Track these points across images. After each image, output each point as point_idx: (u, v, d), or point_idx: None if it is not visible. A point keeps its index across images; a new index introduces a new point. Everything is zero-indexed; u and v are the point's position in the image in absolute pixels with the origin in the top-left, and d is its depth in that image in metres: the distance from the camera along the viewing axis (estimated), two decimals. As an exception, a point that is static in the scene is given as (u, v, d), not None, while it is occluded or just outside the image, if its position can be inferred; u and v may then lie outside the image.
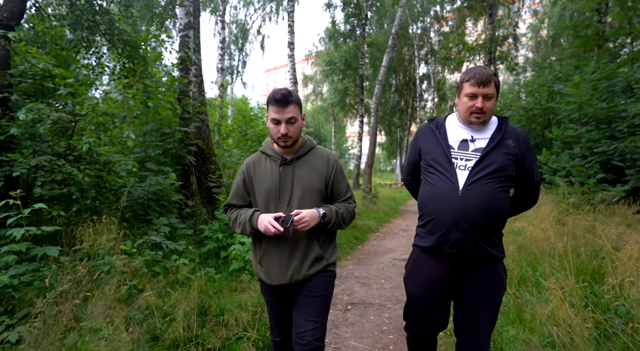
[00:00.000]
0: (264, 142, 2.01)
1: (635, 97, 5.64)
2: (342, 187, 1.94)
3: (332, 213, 1.83)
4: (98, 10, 4.84)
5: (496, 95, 1.80)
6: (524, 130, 1.61)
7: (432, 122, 1.98)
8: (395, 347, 3.09)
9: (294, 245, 1.84)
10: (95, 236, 3.00)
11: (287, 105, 1.77)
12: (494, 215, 1.74)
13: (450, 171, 1.77)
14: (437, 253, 1.82)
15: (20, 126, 3.47)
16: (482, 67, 1.80)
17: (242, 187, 1.96)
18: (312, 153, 1.94)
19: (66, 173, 3.68)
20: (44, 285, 2.45)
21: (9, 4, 4.12)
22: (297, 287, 1.89)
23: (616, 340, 2.35)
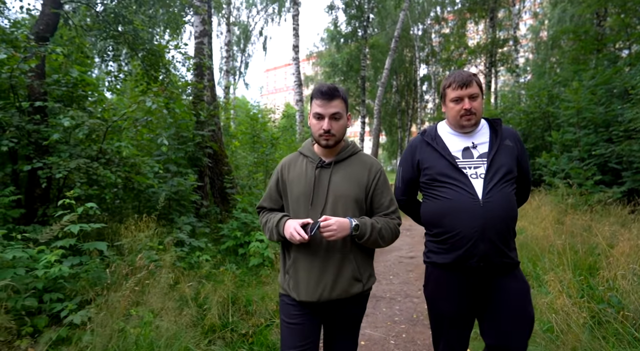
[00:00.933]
0: (305, 142, 1.86)
1: (632, 102, 5.93)
2: (385, 200, 1.74)
3: (366, 227, 1.63)
4: (122, 21, 5.13)
5: (481, 94, 1.79)
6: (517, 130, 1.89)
7: (425, 134, 1.90)
8: (408, 336, 3.38)
9: (326, 258, 1.65)
10: (135, 233, 3.29)
11: (333, 99, 1.63)
12: (513, 220, 1.72)
13: (464, 182, 1.71)
14: (460, 268, 1.71)
15: (59, 131, 3.74)
16: (460, 70, 1.81)
17: (275, 189, 1.81)
18: (354, 158, 1.77)
19: (100, 175, 3.97)
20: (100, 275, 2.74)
21: (44, 18, 4.40)
22: (327, 309, 1.71)
23: (608, 326, 2.64)
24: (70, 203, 2.87)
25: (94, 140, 4.36)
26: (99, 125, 4.05)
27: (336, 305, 1.69)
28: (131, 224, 3.44)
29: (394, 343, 3.23)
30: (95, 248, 2.88)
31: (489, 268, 1.68)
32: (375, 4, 22.72)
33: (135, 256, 3.08)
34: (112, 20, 5.03)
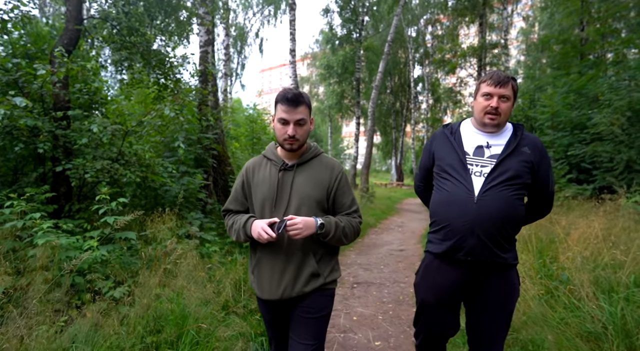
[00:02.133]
0: (268, 145, 1.91)
1: (600, 107, 6.50)
2: (346, 200, 1.82)
3: (331, 225, 1.70)
4: (135, 33, 5.62)
5: (513, 98, 1.81)
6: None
7: (447, 127, 1.98)
8: (394, 313, 3.90)
9: (287, 257, 1.72)
10: (157, 225, 3.79)
11: (298, 105, 1.68)
12: (508, 222, 1.74)
13: (465, 177, 1.77)
14: (450, 259, 1.80)
15: (86, 136, 4.23)
16: (500, 71, 1.84)
17: (241, 191, 1.85)
18: (316, 160, 1.83)
19: (121, 174, 4.46)
20: (129, 260, 3.24)
21: (68, 33, 4.88)
22: (291, 305, 1.78)
23: (557, 298, 3.18)
24: (105, 198, 3.37)
25: (112, 143, 4.84)
26: (119, 130, 4.54)
27: (297, 300, 1.75)
28: (156, 217, 3.94)
29: (381, 318, 3.75)
30: (126, 236, 3.38)
31: (478, 263, 1.75)
32: (369, 7, 23.28)
33: (158, 244, 3.58)
34: (126, 32, 5.51)
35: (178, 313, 2.63)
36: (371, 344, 3.22)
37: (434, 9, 26.20)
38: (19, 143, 3.83)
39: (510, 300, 1.81)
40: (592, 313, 2.79)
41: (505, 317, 1.81)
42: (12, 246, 2.86)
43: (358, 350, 3.12)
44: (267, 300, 1.76)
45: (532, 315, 3.06)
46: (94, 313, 2.61)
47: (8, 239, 2.93)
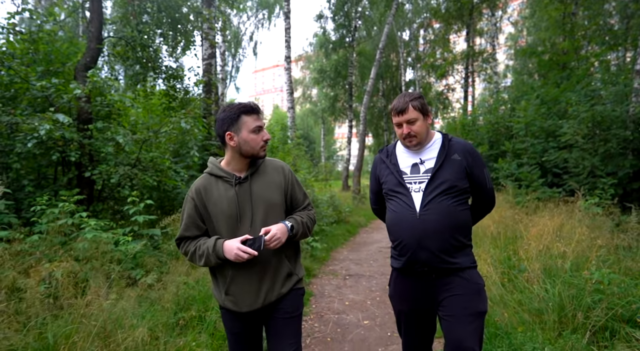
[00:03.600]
0: (209, 162, 1.86)
1: (569, 118, 7.22)
2: (300, 196, 1.92)
3: (298, 224, 1.79)
4: (145, 48, 6.19)
5: (422, 116, 1.87)
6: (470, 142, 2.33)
7: (382, 152, 2.08)
8: (380, 299, 4.53)
9: (264, 265, 1.75)
10: (176, 223, 4.38)
11: (260, 112, 1.79)
12: (453, 230, 1.82)
13: (407, 195, 1.87)
14: (411, 272, 1.89)
15: (111, 146, 4.79)
16: (403, 95, 1.91)
17: (195, 215, 1.78)
18: (265, 165, 1.85)
19: (140, 179, 5.03)
20: (154, 253, 3.82)
21: (90, 51, 5.44)
22: (269, 311, 1.81)
23: (515, 284, 3.83)
24: (134, 200, 3.95)
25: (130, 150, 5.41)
26: (138, 140, 5.12)
27: (275, 304, 1.80)
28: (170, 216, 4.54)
29: (370, 303, 4.38)
30: (152, 233, 3.96)
31: (435, 271, 1.84)
32: (361, 13, 23.95)
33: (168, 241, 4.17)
34: (140, 49, 6.08)
35: (203, 295, 3.23)
36: (361, 323, 3.85)
37: (426, 13, 26.97)
38: (55, 152, 4.37)
39: (477, 299, 1.83)
40: (539, 294, 3.44)
41: (474, 317, 1.80)
42: (64, 240, 3.43)
43: (350, 328, 3.74)
44: (247, 312, 1.75)
45: (493, 297, 3.72)
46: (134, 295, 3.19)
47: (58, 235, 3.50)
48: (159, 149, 6.26)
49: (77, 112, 5.21)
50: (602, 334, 2.89)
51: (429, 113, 1.93)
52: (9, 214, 3.67)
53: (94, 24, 5.44)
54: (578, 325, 3.01)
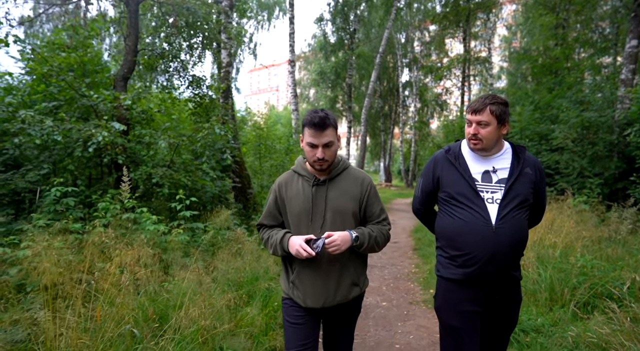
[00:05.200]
0: (296, 160, 1.98)
1: (560, 122, 7.86)
2: (376, 209, 1.93)
3: (364, 236, 1.81)
4: (173, 59, 6.74)
5: (496, 122, 1.78)
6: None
7: (449, 152, 1.96)
8: (394, 285, 5.12)
9: (327, 269, 1.81)
10: (211, 218, 4.95)
11: (325, 129, 1.74)
12: (522, 244, 1.81)
13: (480, 205, 1.78)
14: (468, 283, 1.82)
15: (152, 149, 5.33)
16: (486, 95, 1.85)
17: (274, 206, 1.92)
18: (345, 174, 1.91)
19: (175, 178, 5.57)
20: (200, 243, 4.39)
21: (127, 63, 5.98)
22: (330, 312, 1.89)
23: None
24: (181, 198, 4.50)
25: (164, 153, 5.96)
26: (173, 144, 5.66)
27: (337, 308, 1.88)
28: (216, 211, 5.10)
29: (385, 289, 4.98)
30: (197, 226, 4.52)
31: (495, 285, 1.81)
32: (360, 16, 24.54)
33: (217, 232, 4.74)
34: (170, 59, 6.63)
35: (251, 276, 3.80)
36: (380, 304, 4.44)
37: (422, 15, 27.61)
38: (106, 155, 4.91)
39: (517, 312, 1.93)
40: (533, 278, 4.05)
41: (511, 328, 1.94)
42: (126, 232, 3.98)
43: (371, 308, 4.33)
44: (309, 307, 1.84)
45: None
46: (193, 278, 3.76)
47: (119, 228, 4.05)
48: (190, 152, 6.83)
49: (117, 119, 5.73)
50: (584, 308, 3.50)
51: (506, 122, 1.84)
52: (76, 209, 4.21)
53: (131, 38, 5.97)
54: (565, 302, 3.62)
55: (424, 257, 6.62)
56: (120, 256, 3.13)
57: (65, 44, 5.43)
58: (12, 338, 2.24)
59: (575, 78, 9.59)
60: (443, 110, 28.62)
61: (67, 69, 5.22)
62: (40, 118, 4.34)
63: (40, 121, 4.32)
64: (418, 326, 3.83)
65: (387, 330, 3.75)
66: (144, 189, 5.89)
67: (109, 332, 2.17)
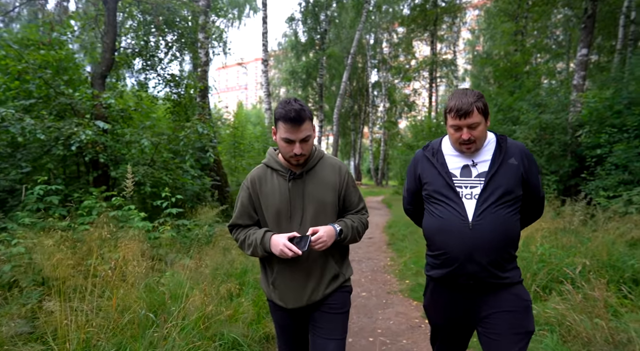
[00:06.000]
0: (267, 153, 1.87)
1: (521, 124, 8.45)
2: (355, 198, 1.87)
3: (347, 229, 1.76)
4: (153, 59, 6.75)
5: (484, 119, 1.69)
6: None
7: (427, 149, 1.89)
8: (372, 277, 5.42)
9: (310, 265, 1.75)
10: (199, 215, 5.05)
11: (302, 123, 1.64)
12: (507, 243, 1.69)
13: (457, 201, 1.70)
14: (453, 283, 1.75)
15: (135, 148, 5.36)
16: (463, 93, 1.70)
17: (248, 204, 1.81)
18: (321, 164, 1.82)
19: (157, 177, 5.62)
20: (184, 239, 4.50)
21: (105, 61, 5.95)
22: (314, 307, 1.81)
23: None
24: (167, 195, 4.59)
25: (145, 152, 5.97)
26: (156, 143, 5.70)
27: (321, 302, 1.79)
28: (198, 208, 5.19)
29: (364, 280, 5.27)
30: (182, 223, 4.62)
31: (481, 285, 1.69)
32: (331, 17, 24.87)
33: (201, 228, 4.86)
34: (147, 58, 6.63)
35: (240, 270, 3.97)
36: (360, 294, 4.71)
37: (390, 17, 28.28)
38: (87, 154, 4.90)
39: (525, 317, 1.70)
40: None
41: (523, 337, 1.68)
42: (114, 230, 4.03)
43: (352, 298, 4.56)
44: (292, 308, 1.78)
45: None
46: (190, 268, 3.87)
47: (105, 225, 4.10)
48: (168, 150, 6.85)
49: (96, 117, 5.70)
50: (544, 290, 3.91)
51: (489, 115, 1.72)
52: (59, 207, 4.20)
53: (109, 36, 5.94)
54: (527, 285, 4.02)
55: (398, 251, 6.97)
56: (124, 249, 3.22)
57: (40, 41, 5.34)
58: (18, 331, 2.33)
59: (534, 82, 10.29)
60: (411, 111, 29.46)
61: (43, 66, 5.15)
62: (20, 115, 4.30)
63: (20, 119, 4.28)
64: (397, 313, 4.13)
65: (369, 317, 4.02)
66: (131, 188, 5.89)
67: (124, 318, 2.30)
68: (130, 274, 2.85)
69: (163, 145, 6.61)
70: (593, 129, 6.61)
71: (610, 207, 5.17)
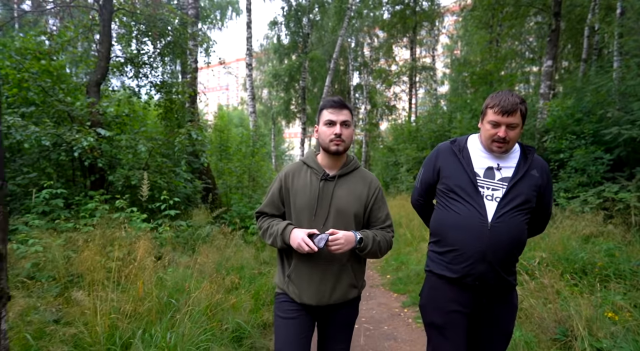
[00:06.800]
0: (307, 152, 1.97)
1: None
2: (382, 214, 1.88)
3: (369, 239, 1.76)
4: (145, 66, 7.02)
5: (522, 123, 1.72)
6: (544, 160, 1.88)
7: (454, 143, 1.90)
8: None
9: (326, 267, 1.77)
10: (195, 216, 5.36)
11: (343, 108, 1.77)
12: (518, 248, 1.73)
13: (477, 201, 1.71)
14: (455, 283, 1.75)
15: (131, 153, 5.63)
16: (509, 92, 1.73)
17: (278, 195, 1.88)
18: (355, 173, 1.88)
19: (152, 180, 5.90)
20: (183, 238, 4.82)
21: (100, 69, 6.19)
22: (325, 312, 1.84)
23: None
24: (165, 198, 4.90)
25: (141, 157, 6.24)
26: (150, 147, 5.99)
27: (333, 307, 1.82)
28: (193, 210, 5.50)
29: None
30: (179, 224, 4.94)
31: (484, 287, 1.71)
32: (313, 21, 25.32)
33: (196, 229, 5.19)
34: (140, 66, 6.90)
35: (238, 265, 4.33)
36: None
37: (371, 22, 28.83)
38: (87, 159, 5.15)
39: (511, 321, 1.81)
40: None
41: (505, 338, 1.81)
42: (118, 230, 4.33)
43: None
44: (303, 304, 1.80)
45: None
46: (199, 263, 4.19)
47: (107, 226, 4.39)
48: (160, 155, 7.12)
49: (92, 123, 5.94)
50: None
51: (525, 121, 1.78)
52: (64, 210, 4.47)
53: (104, 45, 6.18)
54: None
55: (379, 248, 7.44)
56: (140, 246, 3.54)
57: (38, 50, 5.56)
58: (48, 319, 2.64)
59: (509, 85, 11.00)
60: (392, 114, 30.13)
61: (45, 75, 5.38)
62: (24, 123, 4.54)
63: (25, 126, 4.52)
64: (379, 304, 4.57)
65: (354, 307, 4.45)
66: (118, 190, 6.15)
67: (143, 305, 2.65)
68: (145, 268, 3.18)
69: (156, 150, 6.89)
70: (557, 135, 7.21)
71: (569, 206, 5.74)
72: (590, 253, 4.26)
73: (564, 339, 2.85)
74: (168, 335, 2.40)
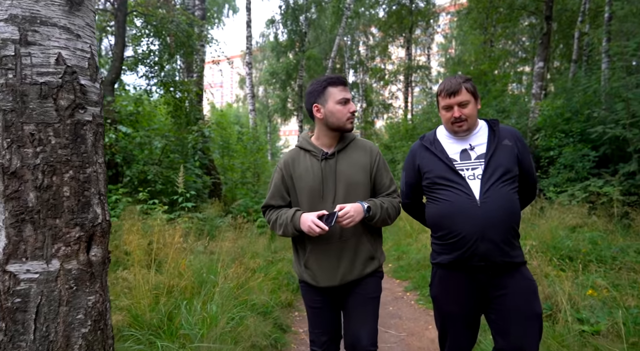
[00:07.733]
0: (300, 136, 1.95)
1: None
2: (386, 180, 1.88)
3: (377, 207, 1.76)
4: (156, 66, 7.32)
5: (473, 99, 1.78)
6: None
7: (424, 139, 1.94)
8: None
9: (342, 244, 1.77)
10: (208, 209, 5.69)
11: (347, 84, 1.79)
12: (513, 218, 1.73)
13: (462, 183, 1.74)
14: (463, 267, 1.74)
15: (148, 149, 5.95)
16: (453, 76, 1.81)
17: (281, 185, 1.87)
18: (353, 145, 1.88)
19: (165, 175, 6.23)
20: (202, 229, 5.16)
21: (115, 69, 6.49)
22: (348, 288, 1.82)
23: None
24: (182, 192, 5.23)
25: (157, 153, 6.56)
26: (164, 144, 6.31)
27: (355, 283, 1.81)
28: (209, 203, 5.84)
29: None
30: (196, 216, 5.28)
31: (491, 267, 1.70)
32: (310, 20, 25.59)
33: (211, 220, 5.53)
34: (153, 64, 7.20)
35: (252, 252, 4.68)
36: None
37: (367, 20, 29.14)
38: (106, 154, 5.45)
39: (534, 299, 1.73)
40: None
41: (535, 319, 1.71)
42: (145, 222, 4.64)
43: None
44: (324, 287, 1.80)
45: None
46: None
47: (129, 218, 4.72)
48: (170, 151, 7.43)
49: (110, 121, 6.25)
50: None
51: (478, 97, 1.84)
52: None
53: (118, 46, 6.48)
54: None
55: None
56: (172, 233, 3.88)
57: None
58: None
59: (500, 89, 11.38)
60: (388, 112, 30.52)
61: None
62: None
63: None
64: (383, 289, 4.74)
65: (359, 292, 4.83)
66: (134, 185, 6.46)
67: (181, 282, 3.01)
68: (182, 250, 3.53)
69: (168, 147, 7.20)
70: (548, 134, 7.63)
71: (557, 200, 6.16)
72: (575, 241, 4.66)
73: (549, 312, 3.25)
74: (208, 306, 2.75)
